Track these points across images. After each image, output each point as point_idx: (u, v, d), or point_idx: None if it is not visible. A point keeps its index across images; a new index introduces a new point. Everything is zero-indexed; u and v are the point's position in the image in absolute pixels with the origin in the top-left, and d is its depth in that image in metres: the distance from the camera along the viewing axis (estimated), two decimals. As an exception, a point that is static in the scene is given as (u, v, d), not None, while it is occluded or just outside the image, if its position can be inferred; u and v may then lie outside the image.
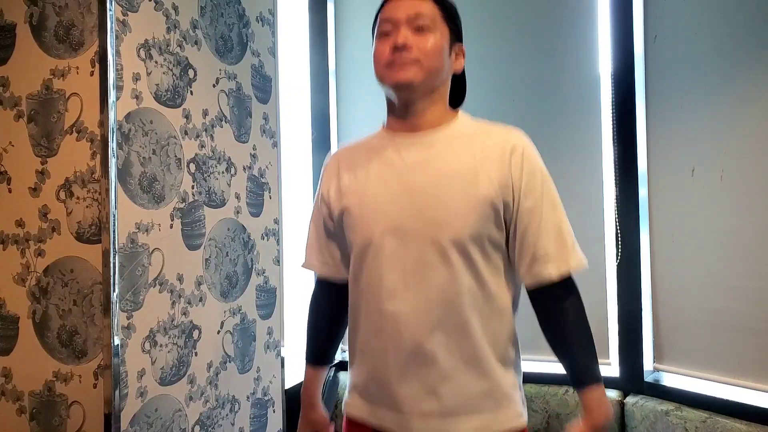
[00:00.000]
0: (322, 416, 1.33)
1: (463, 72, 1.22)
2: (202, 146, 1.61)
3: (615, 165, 2.00)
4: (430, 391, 1.09)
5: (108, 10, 1.30)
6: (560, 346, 1.13)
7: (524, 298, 1.17)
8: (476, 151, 1.11)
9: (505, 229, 1.12)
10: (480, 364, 1.09)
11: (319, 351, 1.33)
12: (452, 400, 1.08)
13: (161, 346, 1.45)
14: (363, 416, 1.18)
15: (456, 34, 1.17)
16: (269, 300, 1.89)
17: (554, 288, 1.11)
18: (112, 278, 1.29)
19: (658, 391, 1.88)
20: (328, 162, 1.28)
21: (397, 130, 1.18)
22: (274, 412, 1.91)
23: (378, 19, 1.16)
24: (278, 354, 1.94)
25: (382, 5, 1.17)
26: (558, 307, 1.12)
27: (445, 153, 1.12)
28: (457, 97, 1.22)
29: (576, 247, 1.12)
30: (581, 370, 1.12)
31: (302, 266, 1.33)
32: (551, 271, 1.09)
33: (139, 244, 1.39)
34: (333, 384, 2.11)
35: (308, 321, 1.35)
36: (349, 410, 1.21)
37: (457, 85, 1.22)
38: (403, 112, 1.16)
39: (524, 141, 1.13)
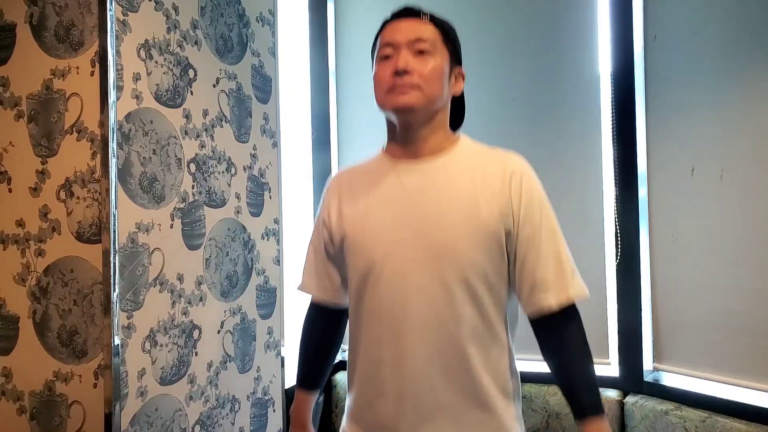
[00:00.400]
0: None
1: (462, 94, 1.22)
2: (203, 146, 1.61)
3: (615, 165, 2.00)
4: (426, 420, 1.08)
5: (108, 10, 1.30)
6: (560, 375, 1.11)
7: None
8: (477, 179, 1.10)
9: (508, 258, 1.11)
10: (478, 396, 1.08)
11: (312, 375, 1.32)
12: (449, 430, 1.08)
13: (161, 345, 1.45)
14: None
15: (456, 57, 1.17)
16: (269, 300, 1.89)
17: (554, 317, 1.09)
18: (112, 278, 1.29)
19: (657, 391, 1.88)
20: (328, 186, 1.27)
21: (398, 156, 1.17)
22: (274, 411, 1.91)
23: (378, 42, 1.16)
24: (278, 354, 1.94)
25: (382, 27, 1.16)
26: (558, 337, 1.10)
27: (445, 181, 1.11)
28: (455, 119, 1.22)
29: (576, 275, 1.10)
30: (582, 401, 1.09)
31: (298, 288, 1.32)
32: (551, 301, 1.08)
33: (140, 243, 1.39)
34: (324, 402, 2.11)
35: (301, 344, 1.33)
36: None
37: (455, 107, 1.21)
38: (405, 137, 1.15)
39: (523, 167, 1.12)
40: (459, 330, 1.06)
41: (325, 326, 1.30)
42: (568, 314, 1.09)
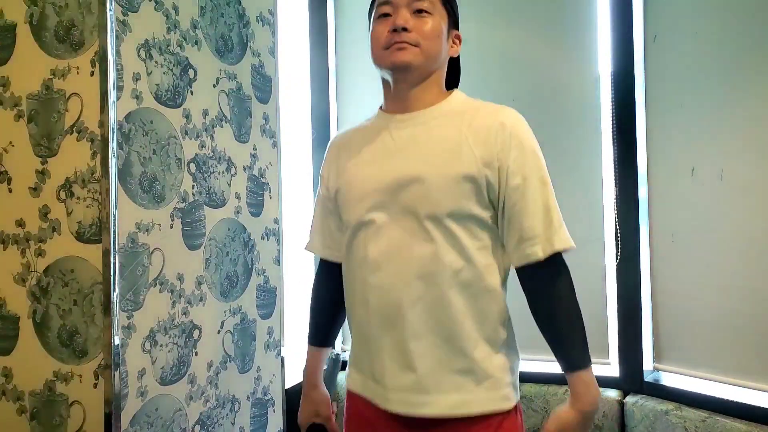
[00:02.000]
0: (323, 395, 1.36)
1: (458, 57, 1.24)
2: (203, 146, 1.61)
3: (615, 165, 2.00)
4: (407, 366, 1.10)
5: (108, 10, 1.30)
6: (548, 328, 1.12)
7: (520, 294, 1.16)
8: (463, 128, 1.11)
9: (494, 208, 1.11)
10: (459, 342, 1.08)
11: (321, 331, 1.37)
12: (429, 375, 1.09)
13: (161, 345, 1.45)
14: (357, 389, 1.22)
15: (453, 20, 1.19)
16: (269, 300, 1.89)
17: (541, 268, 1.09)
18: (112, 278, 1.29)
19: (657, 391, 1.88)
20: (330, 144, 1.32)
21: (392, 111, 1.20)
22: (274, 411, 1.91)
23: (376, 2, 1.18)
24: (278, 354, 1.94)
25: None
26: (545, 288, 1.11)
27: (431, 130, 1.13)
28: (451, 81, 1.24)
29: (563, 226, 1.10)
30: (569, 353, 1.10)
31: (305, 248, 1.37)
32: (538, 251, 1.08)
33: (140, 243, 1.39)
34: (334, 367, 2.13)
35: (311, 302, 1.38)
36: (347, 383, 1.26)
37: (451, 68, 1.23)
38: (398, 94, 1.17)
39: (514, 118, 1.12)
40: (440, 275, 1.08)
41: (331, 283, 1.32)
42: (556, 265, 1.09)
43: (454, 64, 1.24)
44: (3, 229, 1.41)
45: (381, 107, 1.25)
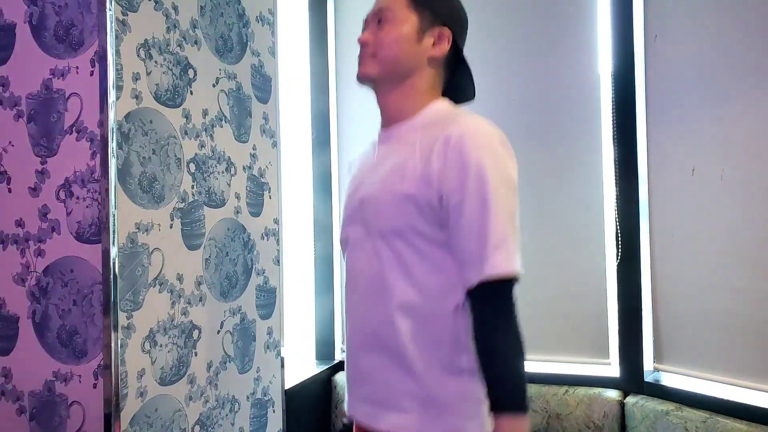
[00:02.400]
0: None
1: (464, 60, 1.18)
2: (202, 146, 1.61)
3: (615, 164, 2.00)
4: (364, 381, 1.14)
5: (108, 10, 1.30)
6: (478, 362, 1.03)
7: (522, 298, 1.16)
8: (417, 144, 1.07)
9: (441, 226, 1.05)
10: (404, 363, 1.06)
11: None
12: (378, 391, 1.11)
13: (161, 346, 1.45)
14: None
15: (432, 19, 1.13)
16: (269, 300, 1.89)
17: (475, 295, 1.01)
18: (111, 278, 1.29)
19: (658, 391, 1.88)
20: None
21: (381, 125, 1.23)
22: (274, 412, 1.91)
23: None
24: (278, 354, 1.93)
25: None
26: (476, 318, 1.02)
27: (395, 148, 1.14)
28: (460, 87, 1.20)
29: (501, 249, 0.98)
30: (493, 394, 1.01)
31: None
32: (472, 276, 1.00)
33: (139, 244, 1.39)
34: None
35: None
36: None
37: (455, 71, 1.18)
38: (379, 106, 1.21)
39: (466, 133, 1.02)
40: (385, 296, 1.09)
41: None
42: (489, 293, 0.99)
43: (456, 67, 1.18)
44: (2, 229, 1.41)
45: None
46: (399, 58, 1.13)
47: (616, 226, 1.99)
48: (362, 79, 1.16)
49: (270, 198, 1.92)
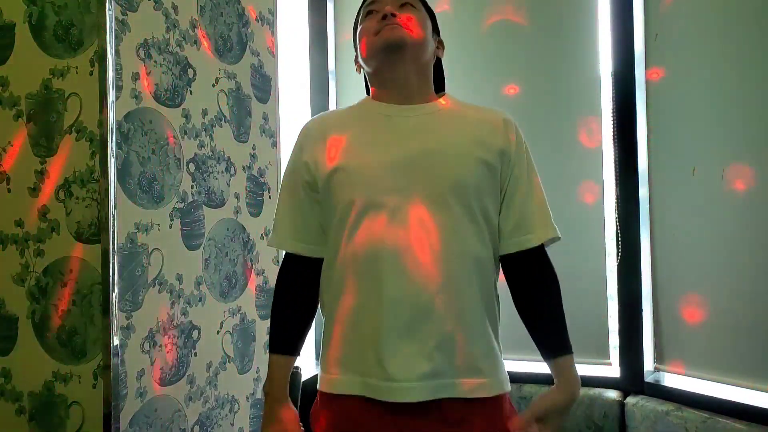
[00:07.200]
0: (292, 412, 1.17)
1: (441, 64, 1.28)
2: (202, 146, 1.61)
3: (615, 165, 2.00)
4: (428, 355, 1.04)
5: (107, 10, 1.30)
6: (533, 312, 1.16)
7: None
8: (472, 121, 1.16)
9: (496, 198, 1.16)
10: (478, 325, 1.09)
11: (291, 337, 1.19)
12: (449, 361, 1.04)
13: (160, 346, 1.44)
14: (349, 390, 1.09)
15: (435, 27, 1.24)
16: (269, 300, 1.88)
17: (533, 255, 1.15)
18: (111, 278, 1.29)
19: (658, 392, 1.87)
20: (305, 129, 1.22)
21: (387, 101, 1.17)
22: (273, 412, 1.91)
23: (362, 7, 1.22)
24: (278, 354, 1.93)
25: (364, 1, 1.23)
26: (538, 274, 1.16)
27: (441, 122, 1.16)
28: (437, 86, 1.27)
29: (551, 216, 1.18)
30: (560, 337, 1.14)
31: (269, 244, 1.24)
32: (533, 239, 1.14)
33: (139, 244, 1.39)
34: (294, 382, 2.00)
35: (277, 305, 1.20)
36: (332, 387, 1.11)
37: (437, 76, 1.27)
38: (396, 81, 1.16)
39: (512, 119, 1.20)
40: (465, 257, 1.08)
41: (304, 281, 1.19)
42: (545, 254, 1.17)
43: (438, 70, 1.28)
44: (2, 229, 1.41)
45: (367, 98, 1.25)
46: (427, 42, 1.18)
47: (617, 225, 1.99)
48: (394, 42, 1.12)
49: (270, 198, 1.91)
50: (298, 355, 1.21)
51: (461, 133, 1.14)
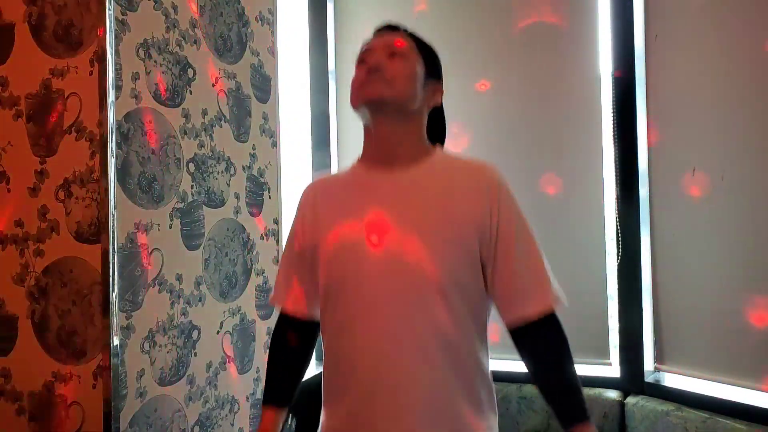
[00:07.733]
0: None
1: (442, 109, 1.22)
2: (201, 146, 1.61)
3: (616, 165, 2.00)
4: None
5: (107, 10, 1.30)
6: (544, 381, 1.11)
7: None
8: (453, 189, 1.09)
9: (482, 272, 1.09)
10: (452, 410, 1.05)
11: (284, 390, 1.23)
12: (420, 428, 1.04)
13: (160, 346, 1.44)
14: None
15: (432, 72, 1.17)
16: (268, 300, 1.88)
17: (535, 326, 1.07)
18: (111, 278, 1.29)
19: (658, 392, 1.87)
20: (303, 194, 1.25)
21: (372, 165, 1.15)
22: (273, 412, 1.91)
23: (359, 53, 1.19)
24: (278, 354, 1.93)
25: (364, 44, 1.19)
26: (539, 344, 1.09)
27: (419, 192, 1.10)
28: (437, 134, 1.22)
29: (554, 283, 1.09)
30: (568, 407, 1.08)
31: (269, 302, 1.28)
32: (530, 311, 1.07)
33: (139, 244, 1.39)
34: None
35: (271, 359, 1.25)
36: None
37: (437, 122, 1.22)
38: (380, 139, 1.14)
39: (500, 179, 1.11)
40: (437, 345, 1.04)
41: (296, 339, 1.23)
42: (550, 321, 1.08)
43: (439, 117, 1.22)
44: (2, 229, 1.41)
45: (359, 159, 1.20)
46: (413, 95, 1.12)
47: (617, 226, 1.99)
48: (372, 99, 1.10)
49: (270, 198, 1.91)
50: (288, 406, 1.25)
51: (438, 208, 1.08)
